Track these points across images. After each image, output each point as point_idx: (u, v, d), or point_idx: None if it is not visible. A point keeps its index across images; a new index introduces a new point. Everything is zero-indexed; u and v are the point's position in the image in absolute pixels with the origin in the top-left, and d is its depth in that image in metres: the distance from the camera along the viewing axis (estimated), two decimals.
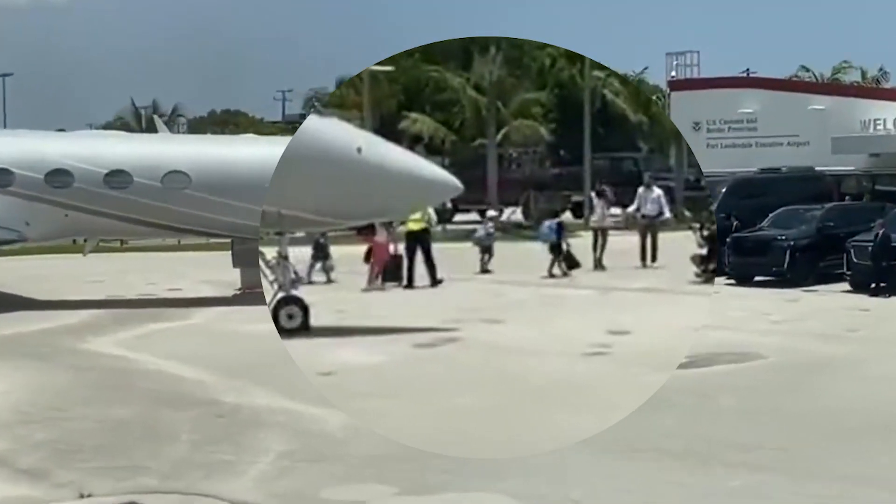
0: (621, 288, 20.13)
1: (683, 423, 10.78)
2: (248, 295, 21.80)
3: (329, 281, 21.67)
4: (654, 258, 23.90)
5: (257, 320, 18.59)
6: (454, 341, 14.77)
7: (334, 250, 22.45)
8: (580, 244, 24.37)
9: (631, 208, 25.07)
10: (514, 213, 42.14)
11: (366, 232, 20.75)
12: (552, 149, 44.76)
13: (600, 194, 25.07)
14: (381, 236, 20.56)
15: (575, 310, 17.76)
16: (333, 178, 15.05)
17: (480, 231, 23.85)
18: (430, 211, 21.44)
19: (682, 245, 22.60)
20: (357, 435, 10.35)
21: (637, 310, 17.46)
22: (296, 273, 15.42)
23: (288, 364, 14.10)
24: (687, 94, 38.62)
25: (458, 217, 38.11)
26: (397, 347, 14.20)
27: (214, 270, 26.83)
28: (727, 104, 37.27)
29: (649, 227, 24.28)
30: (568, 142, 44.21)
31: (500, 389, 11.99)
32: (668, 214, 24.77)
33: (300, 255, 20.83)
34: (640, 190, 24.99)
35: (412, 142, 38.99)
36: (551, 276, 22.04)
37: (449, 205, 25.00)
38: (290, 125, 70.27)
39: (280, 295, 15.35)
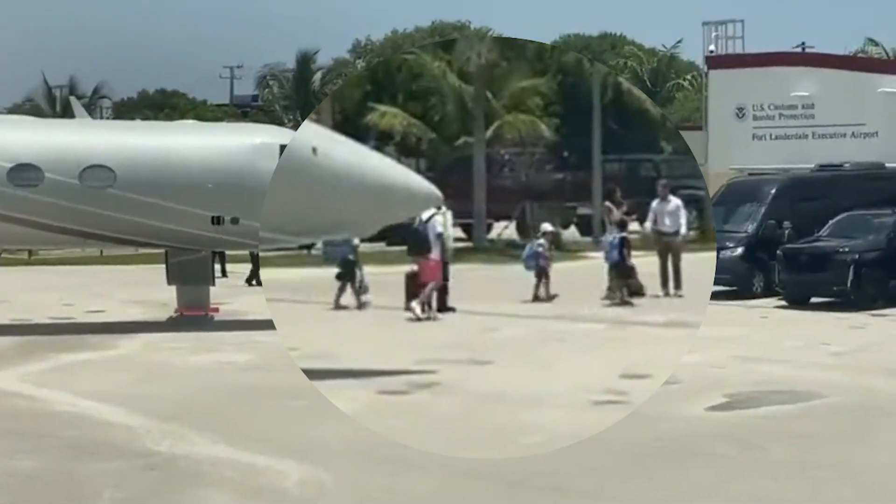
0: (638, 321, 20.12)
1: (724, 480, 10.79)
2: (187, 319, 21.79)
3: (362, 306, 21.31)
4: (677, 284, 23.66)
5: (198, 350, 18.61)
6: (429, 387, 14.63)
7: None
8: (580, 268, 24.39)
9: (647, 224, 24.87)
10: (507, 229, 42.06)
11: (418, 250, 20.63)
12: (554, 149, 44.54)
13: (613, 199, 24.76)
14: (436, 254, 20.50)
15: (581, 349, 17.72)
16: (284, 187, 16.44)
17: (527, 250, 23.41)
18: (447, 216, 21.39)
19: (706, 267, 22.61)
20: (322, 493, 10.34)
21: (658, 348, 17.46)
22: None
23: (237, 403, 14.08)
24: (728, 73, 38.77)
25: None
26: (362, 394, 14.00)
27: (145, 288, 26.80)
28: (778, 86, 37.42)
29: (669, 247, 24.04)
30: (574, 141, 44.21)
31: (482, 447, 11.81)
32: (683, 230, 24.33)
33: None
34: (654, 203, 24.72)
35: (380, 140, 40.04)
36: (624, 301, 21.84)
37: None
38: (240, 109, 70.49)
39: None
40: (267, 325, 21.04)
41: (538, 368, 16.02)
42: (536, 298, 22.43)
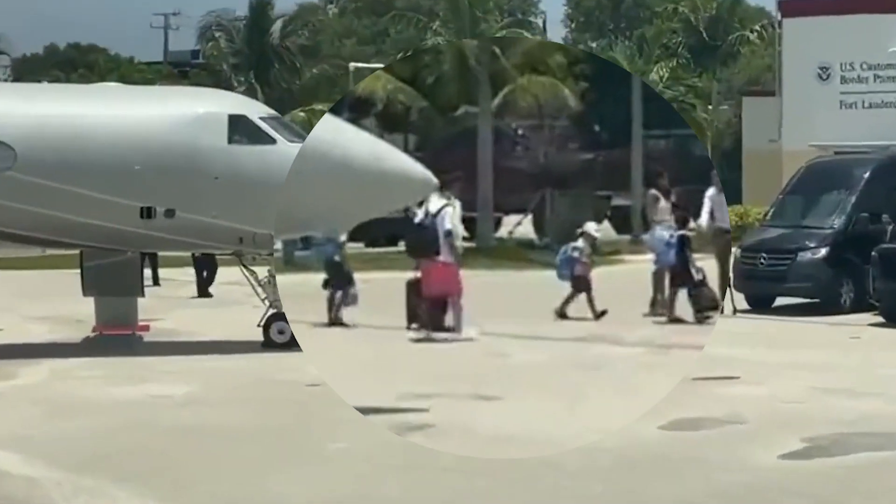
0: (689, 345, 20.10)
1: None
2: (108, 340, 21.80)
3: (337, 322, 21.56)
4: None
5: (122, 380, 18.63)
6: (421, 429, 14.79)
7: None
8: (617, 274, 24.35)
9: (702, 220, 24.81)
10: (521, 225, 42.05)
11: (423, 251, 20.93)
12: (581, 122, 44.41)
13: (659, 187, 24.68)
14: (446, 255, 20.81)
15: (616, 381, 17.69)
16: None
17: (561, 254, 23.25)
18: (457, 209, 21.63)
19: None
20: None
21: (718, 381, 17.46)
22: None
23: (171, 449, 14.09)
24: (808, 23, 38.85)
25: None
26: None
27: (54, 300, 26.78)
28: (872, 38, 37.48)
29: (730, 248, 24.00)
30: (607, 111, 44.12)
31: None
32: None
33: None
34: (710, 192, 24.65)
35: (356, 111, 39.63)
36: (673, 319, 21.89)
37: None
38: (176, 68, 70.51)
39: (272, 311, 21.47)
40: (212, 347, 21.14)
41: (561, 405, 16.03)
42: (563, 315, 22.47)
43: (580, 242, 23.41)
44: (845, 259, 26.25)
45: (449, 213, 21.23)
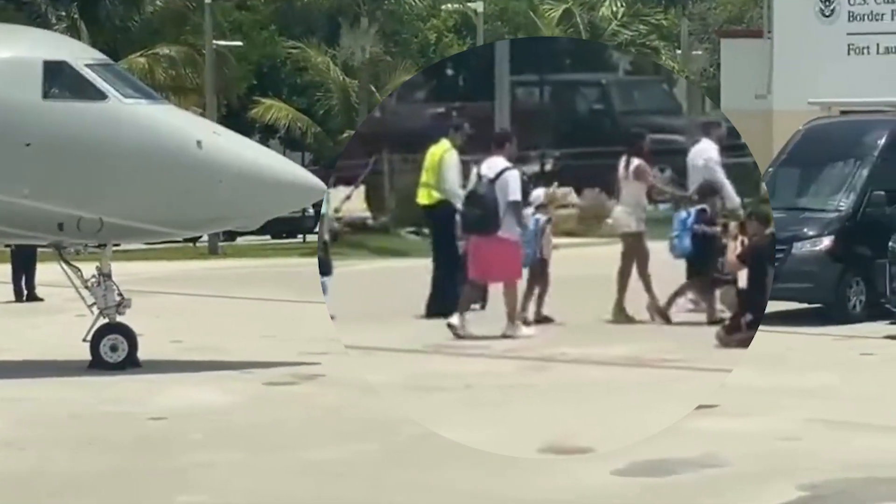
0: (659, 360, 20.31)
1: None
2: None
3: None
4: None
5: None
6: (314, 379, 20.36)
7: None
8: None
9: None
10: (349, 200, 42.35)
11: (480, 226, 22.09)
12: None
13: (639, 149, 24.76)
14: (509, 231, 21.85)
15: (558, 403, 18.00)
16: (166, 178, 21.37)
17: (528, 230, 23.21)
18: (451, 171, 23.29)
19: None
20: None
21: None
22: (121, 294, 21.96)
23: None
24: None
25: None
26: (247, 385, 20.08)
27: None
28: None
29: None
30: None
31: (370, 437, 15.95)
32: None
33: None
34: (707, 149, 24.69)
35: (265, 133, 61.40)
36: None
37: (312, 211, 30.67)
38: (20, 5, 69.73)
39: (102, 321, 21.92)
40: (22, 369, 21.08)
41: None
42: (540, 319, 22.68)
43: (540, 214, 23.39)
44: (855, 253, 26.32)
45: (514, 178, 22.06)
